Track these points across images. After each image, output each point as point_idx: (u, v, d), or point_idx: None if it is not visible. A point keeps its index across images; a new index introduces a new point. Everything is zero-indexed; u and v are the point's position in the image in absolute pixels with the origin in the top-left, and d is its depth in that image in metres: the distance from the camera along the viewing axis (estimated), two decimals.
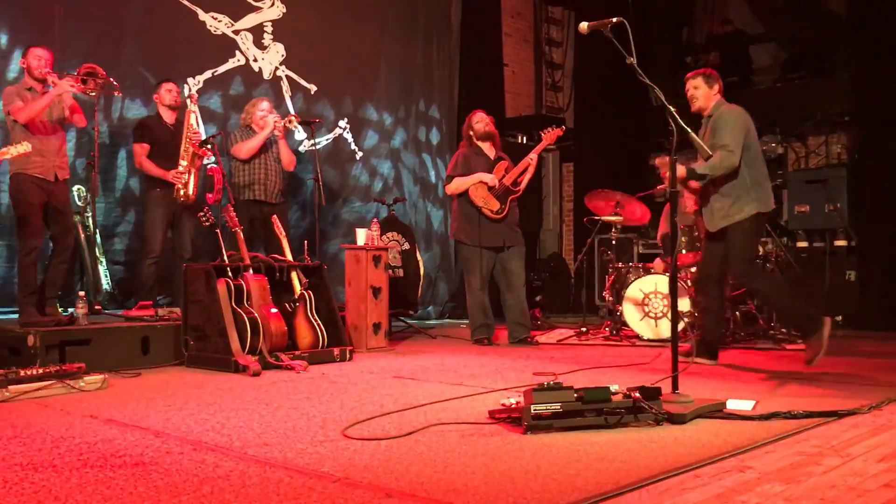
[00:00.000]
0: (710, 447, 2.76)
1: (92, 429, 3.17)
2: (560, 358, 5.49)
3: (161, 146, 6.04)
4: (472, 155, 6.41)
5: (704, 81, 5.03)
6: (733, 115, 4.89)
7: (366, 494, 2.24)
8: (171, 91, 6.17)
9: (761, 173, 4.89)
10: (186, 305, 5.24)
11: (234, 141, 6.33)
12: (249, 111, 6.47)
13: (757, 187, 4.85)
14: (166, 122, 6.15)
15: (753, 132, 4.94)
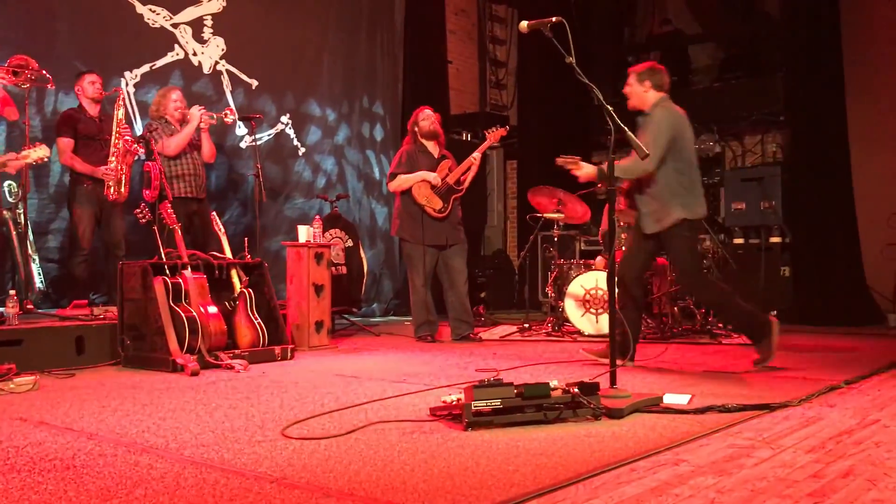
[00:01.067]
0: (646, 441, 2.81)
1: (21, 432, 3.08)
2: (503, 354, 5.52)
3: (86, 140, 5.88)
4: (415, 152, 6.40)
5: (635, 79, 4.92)
6: (663, 118, 4.75)
7: (303, 495, 2.22)
8: (95, 83, 6.00)
9: (692, 180, 4.78)
10: (122, 304, 5.12)
11: (158, 136, 6.14)
12: (161, 102, 6.24)
13: (685, 194, 4.73)
14: (90, 114, 5.99)
15: (688, 137, 4.83)
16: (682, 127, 4.81)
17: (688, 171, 4.78)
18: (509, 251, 11.20)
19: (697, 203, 4.78)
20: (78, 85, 6.02)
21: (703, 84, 10.32)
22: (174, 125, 6.18)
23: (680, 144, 4.75)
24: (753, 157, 9.66)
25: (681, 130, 4.79)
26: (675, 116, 4.80)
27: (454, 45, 10.71)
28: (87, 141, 5.87)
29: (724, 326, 6.48)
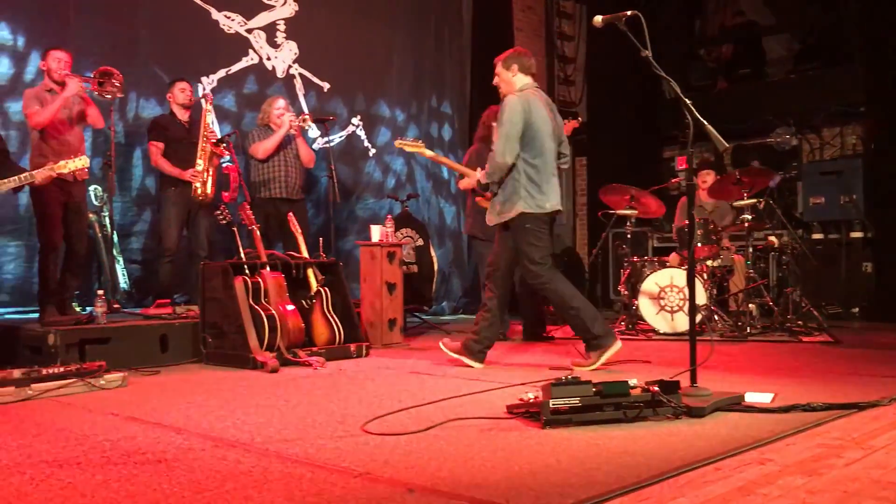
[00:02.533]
0: (729, 440, 2.76)
1: (114, 426, 3.20)
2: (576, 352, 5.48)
3: (175, 145, 6.08)
4: (486, 151, 6.39)
5: (501, 66, 4.74)
6: (510, 106, 4.54)
7: (387, 489, 2.25)
8: (185, 90, 6.20)
9: (543, 171, 4.58)
10: (204, 303, 5.27)
11: (252, 140, 6.36)
12: (266, 110, 6.53)
13: (532, 186, 4.57)
14: (180, 120, 6.19)
15: (542, 125, 4.58)
16: (536, 115, 4.58)
17: (537, 163, 4.59)
18: (579, 249, 11.11)
19: (543, 196, 4.59)
20: (169, 92, 6.25)
21: (777, 76, 10.08)
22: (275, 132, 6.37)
23: (531, 134, 4.55)
24: (832, 149, 9.37)
25: (533, 118, 4.57)
26: (525, 104, 4.56)
27: (521, 42, 10.64)
28: (175, 145, 6.07)
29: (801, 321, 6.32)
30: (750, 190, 6.40)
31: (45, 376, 4.01)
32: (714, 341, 4.74)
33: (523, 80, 4.71)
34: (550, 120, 4.71)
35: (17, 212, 5.95)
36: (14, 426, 3.23)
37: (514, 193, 4.59)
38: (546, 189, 4.60)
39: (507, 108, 4.56)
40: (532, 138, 4.56)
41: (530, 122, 4.55)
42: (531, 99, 4.61)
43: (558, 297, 4.64)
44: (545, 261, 4.64)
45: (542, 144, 4.59)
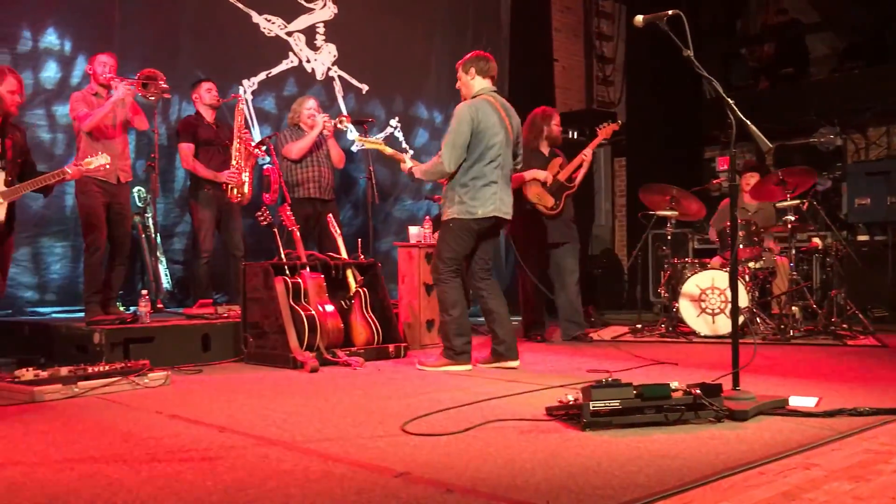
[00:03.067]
0: (773, 444, 2.72)
1: (158, 424, 3.26)
2: (615, 355, 5.45)
3: (205, 146, 6.13)
4: (527, 151, 6.38)
5: (462, 70, 4.88)
6: (458, 114, 4.67)
7: (427, 489, 2.26)
8: (211, 90, 6.26)
9: (478, 179, 4.66)
10: (245, 303, 5.33)
11: (284, 141, 6.39)
12: (297, 110, 6.53)
13: (466, 192, 4.67)
14: (207, 121, 6.25)
15: (489, 133, 4.66)
16: (484, 123, 4.67)
17: (476, 168, 4.67)
18: (617, 250, 11.03)
19: (475, 203, 4.68)
20: (195, 92, 6.29)
21: (821, 75, 9.92)
22: (307, 132, 6.40)
23: (474, 142, 4.65)
24: (878, 150, 9.20)
25: (481, 127, 4.65)
26: (474, 112, 4.66)
27: (560, 42, 10.63)
28: (205, 146, 6.13)
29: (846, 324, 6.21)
30: (793, 191, 6.30)
31: (91, 374, 4.09)
32: (756, 344, 4.66)
33: (481, 84, 4.83)
34: (504, 126, 4.78)
35: (64, 213, 6.07)
36: (62, 423, 3.30)
37: (451, 198, 4.76)
38: (479, 196, 4.69)
39: (456, 116, 4.70)
40: (475, 146, 4.67)
41: (477, 130, 4.66)
42: (481, 106, 4.71)
43: (444, 298, 4.81)
44: (452, 264, 4.79)
45: (483, 152, 4.69)
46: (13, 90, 4.43)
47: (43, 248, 6.03)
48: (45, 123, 6.06)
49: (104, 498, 2.22)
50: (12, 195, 4.43)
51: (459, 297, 4.81)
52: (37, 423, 3.29)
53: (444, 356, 4.77)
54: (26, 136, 4.84)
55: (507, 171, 4.85)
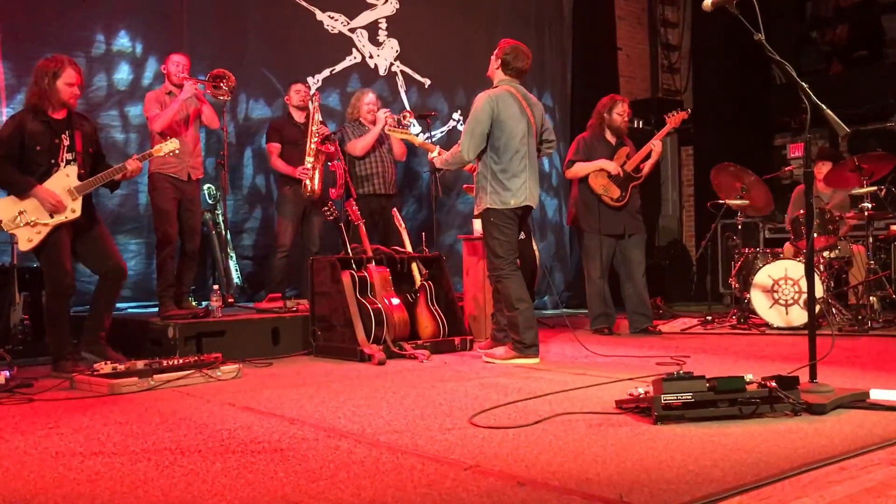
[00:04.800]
0: (854, 439, 2.63)
1: (231, 416, 3.32)
2: (685, 347, 5.35)
3: (291, 146, 6.23)
4: (593, 140, 6.29)
5: (495, 53, 4.88)
6: (478, 102, 4.67)
7: (498, 482, 2.25)
8: (300, 91, 6.35)
9: (508, 168, 4.64)
10: (313, 297, 5.40)
11: (347, 137, 6.42)
12: (356, 105, 6.56)
13: (497, 183, 4.65)
14: (297, 121, 6.34)
15: (510, 120, 4.65)
16: (505, 113, 4.64)
17: (504, 158, 4.65)
18: (685, 240, 10.82)
19: (508, 193, 4.66)
20: (286, 95, 6.44)
21: None
22: (367, 126, 6.44)
23: (497, 133, 4.62)
24: None
25: (502, 117, 4.63)
26: (494, 102, 4.64)
27: (623, 31, 10.46)
28: (291, 146, 6.23)
29: None
30: (870, 177, 6.08)
31: (165, 367, 4.20)
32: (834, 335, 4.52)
33: (500, 77, 4.85)
34: (525, 115, 4.77)
35: (138, 210, 6.25)
36: (139, 415, 3.39)
37: (481, 189, 4.76)
38: (511, 185, 4.70)
39: (475, 105, 4.72)
40: (498, 137, 4.68)
41: (498, 120, 4.67)
42: (501, 96, 4.71)
43: (508, 293, 4.76)
44: (507, 255, 4.77)
45: (507, 143, 4.70)
46: (71, 82, 4.51)
47: (118, 244, 6.16)
48: (118, 124, 6.24)
49: (180, 488, 2.28)
50: (84, 189, 4.56)
51: (523, 290, 4.80)
52: (115, 415, 3.39)
53: (513, 349, 4.75)
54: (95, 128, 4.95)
55: (533, 161, 4.86)
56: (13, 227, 4.45)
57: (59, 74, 4.47)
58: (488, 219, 4.77)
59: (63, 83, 4.47)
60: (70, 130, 4.59)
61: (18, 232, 4.46)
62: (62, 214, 4.50)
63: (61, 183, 4.52)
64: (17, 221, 4.44)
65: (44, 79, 4.47)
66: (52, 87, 4.46)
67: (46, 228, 4.47)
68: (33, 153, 4.48)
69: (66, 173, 4.56)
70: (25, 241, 4.45)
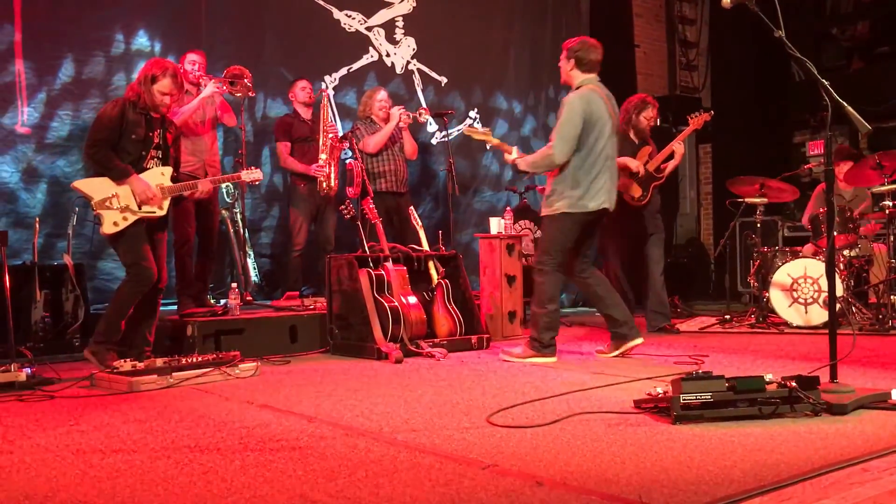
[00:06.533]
0: (876, 440, 2.61)
1: (249, 414, 3.34)
2: (703, 346, 5.32)
3: (300, 143, 6.25)
4: (623, 140, 6.23)
5: (563, 55, 4.76)
6: (570, 105, 4.55)
7: (516, 482, 2.25)
8: (305, 88, 6.37)
9: (589, 172, 4.56)
10: (331, 295, 5.42)
11: (360, 135, 6.42)
12: (367, 102, 6.55)
13: (576, 186, 4.55)
14: (303, 118, 6.36)
15: (599, 122, 4.57)
16: (595, 114, 4.56)
17: (586, 162, 4.56)
18: (704, 239, 10.76)
19: (588, 195, 4.58)
20: (291, 91, 6.45)
21: None
22: (379, 124, 6.44)
23: (586, 132, 4.53)
24: None
25: (594, 118, 4.55)
26: (585, 104, 4.55)
27: (641, 28, 10.41)
28: (300, 144, 6.26)
29: None
30: (891, 175, 6.01)
31: (184, 365, 4.23)
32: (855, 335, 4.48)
33: (583, 76, 4.73)
34: (609, 115, 4.70)
35: None
36: (158, 412, 3.41)
37: (559, 191, 4.65)
38: (593, 188, 4.62)
39: (567, 107, 4.60)
40: (585, 138, 4.59)
41: (589, 122, 4.58)
42: (591, 97, 4.63)
43: (542, 289, 4.72)
44: (556, 255, 4.72)
45: (594, 144, 4.62)
46: (165, 92, 4.57)
47: None
48: None
49: (199, 485, 2.29)
50: (173, 192, 4.66)
51: (557, 292, 4.79)
52: (134, 412, 3.41)
53: (531, 348, 4.73)
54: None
55: (613, 162, 4.80)
56: (103, 207, 4.47)
57: (157, 80, 4.54)
58: (556, 218, 4.67)
59: (158, 90, 4.55)
60: (163, 130, 4.69)
61: (106, 213, 4.47)
62: (151, 208, 4.58)
63: (156, 179, 4.61)
64: (107, 203, 4.48)
65: (145, 79, 4.55)
66: (148, 90, 4.54)
67: (133, 217, 4.53)
68: (128, 141, 4.54)
69: (162, 172, 4.66)
70: (111, 223, 4.47)
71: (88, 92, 5.99)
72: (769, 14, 3.39)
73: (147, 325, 4.70)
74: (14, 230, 5.56)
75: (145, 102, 4.55)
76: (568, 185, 4.61)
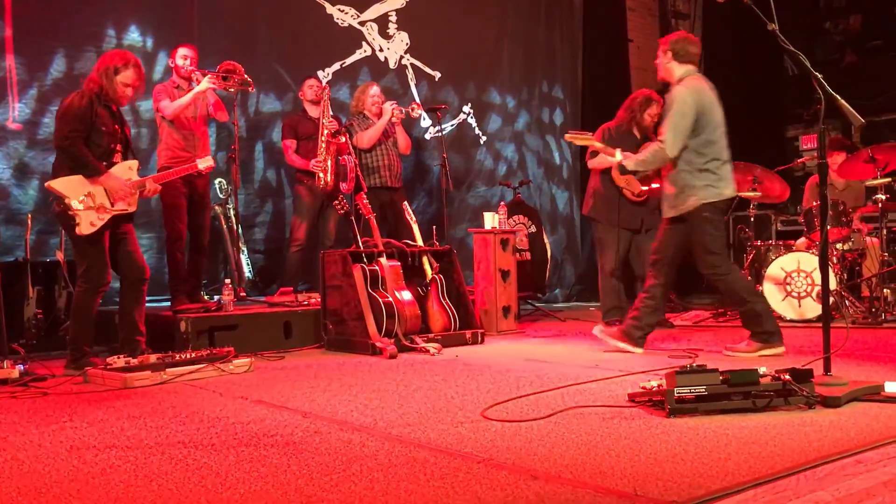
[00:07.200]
0: (870, 432, 2.62)
1: (244, 410, 3.33)
2: (698, 340, 5.33)
3: (305, 140, 6.24)
4: (619, 133, 6.21)
5: (661, 49, 4.68)
6: (680, 98, 4.45)
7: (511, 476, 2.25)
8: (313, 87, 6.36)
9: (715, 159, 4.47)
10: (325, 291, 5.41)
11: (353, 131, 6.41)
12: (360, 98, 6.54)
13: (706, 175, 4.45)
14: (311, 116, 6.34)
15: (713, 112, 4.49)
16: (708, 103, 4.48)
17: (710, 150, 4.47)
18: None
19: (722, 182, 4.48)
20: (300, 90, 6.46)
21: None
22: (372, 119, 6.43)
23: (702, 122, 4.45)
24: None
25: (706, 107, 4.47)
26: (695, 94, 4.46)
27: (634, 22, 10.39)
28: (305, 141, 6.24)
29: None
30: (884, 168, 6.03)
31: (178, 361, 4.22)
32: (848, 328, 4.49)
33: (681, 69, 4.63)
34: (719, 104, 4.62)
35: (149, 205, 6.24)
36: (152, 408, 3.40)
37: (687, 185, 4.51)
38: (723, 175, 4.52)
39: (678, 100, 4.49)
40: (703, 128, 4.48)
41: (703, 112, 4.48)
42: (700, 87, 4.54)
43: (735, 289, 4.57)
44: (722, 251, 4.60)
45: (712, 131, 4.52)
46: (128, 83, 4.50)
47: None
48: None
49: (194, 481, 2.28)
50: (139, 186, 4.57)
51: (745, 279, 4.68)
52: (128, 409, 3.40)
53: (758, 340, 4.51)
54: None
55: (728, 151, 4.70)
56: (80, 207, 4.33)
57: (120, 72, 4.46)
58: (701, 215, 4.49)
59: (121, 81, 4.47)
60: (122, 124, 4.63)
61: (84, 214, 4.33)
62: (124, 205, 4.49)
63: (125, 174, 4.53)
64: (84, 202, 4.34)
65: (106, 70, 4.45)
66: (111, 82, 4.45)
67: (108, 215, 4.42)
68: (98, 133, 4.43)
69: (129, 166, 4.58)
70: (88, 224, 4.33)
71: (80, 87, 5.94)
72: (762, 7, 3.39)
73: (138, 317, 4.62)
74: (6, 227, 5.55)
75: (107, 94, 4.46)
76: (697, 177, 4.49)
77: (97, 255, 4.42)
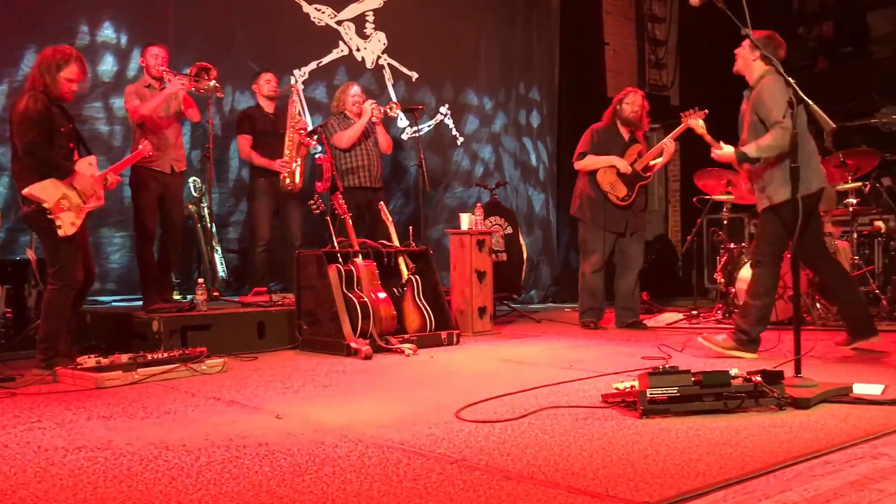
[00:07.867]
0: (838, 433, 2.65)
1: (216, 410, 3.31)
2: (671, 342, 5.36)
3: (263, 137, 6.19)
4: (605, 133, 6.21)
5: (749, 44, 4.57)
6: (772, 86, 4.39)
7: (484, 476, 2.25)
8: (270, 81, 6.31)
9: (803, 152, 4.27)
10: (299, 291, 5.38)
11: (332, 130, 6.38)
12: (340, 98, 6.51)
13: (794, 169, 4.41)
14: (266, 111, 6.31)
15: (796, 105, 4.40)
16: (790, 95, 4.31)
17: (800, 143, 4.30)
18: (671, 236, 10.85)
19: (812, 177, 4.42)
20: (255, 84, 6.37)
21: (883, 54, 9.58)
22: (353, 119, 6.41)
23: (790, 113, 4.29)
24: None
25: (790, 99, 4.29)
26: (782, 84, 4.26)
27: (611, 25, 10.46)
28: (263, 137, 6.19)
29: None
30: (854, 173, 6.12)
31: (150, 361, 4.18)
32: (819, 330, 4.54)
33: (762, 68, 4.59)
34: None
35: (123, 204, 6.18)
36: (123, 409, 3.37)
37: (774, 180, 4.48)
38: (811, 167, 4.46)
39: (767, 90, 4.46)
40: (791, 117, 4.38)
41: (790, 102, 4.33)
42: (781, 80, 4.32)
43: (759, 280, 4.56)
44: (779, 247, 4.61)
45: (799, 123, 4.32)
46: (72, 78, 4.44)
47: (103, 238, 6.15)
48: (102, 116, 6.18)
49: (164, 482, 2.26)
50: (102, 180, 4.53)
51: (775, 285, 4.64)
52: (98, 409, 3.37)
53: (735, 340, 4.54)
54: None
55: None
56: (59, 210, 4.27)
57: (63, 67, 4.39)
58: (784, 208, 4.40)
59: (64, 77, 4.40)
60: (72, 121, 4.57)
61: (64, 216, 4.28)
62: (95, 201, 4.46)
63: (89, 170, 4.48)
64: (61, 204, 4.30)
65: (48, 68, 4.37)
66: (54, 79, 4.37)
67: (83, 214, 4.40)
68: (58, 134, 4.37)
69: (89, 162, 4.51)
70: (69, 224, 4.29)
71: None
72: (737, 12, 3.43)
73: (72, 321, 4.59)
74: None
75: (51, 92, 4.37)
76: (782, 171, 4.37)
77: (73, 255, 4.39)
